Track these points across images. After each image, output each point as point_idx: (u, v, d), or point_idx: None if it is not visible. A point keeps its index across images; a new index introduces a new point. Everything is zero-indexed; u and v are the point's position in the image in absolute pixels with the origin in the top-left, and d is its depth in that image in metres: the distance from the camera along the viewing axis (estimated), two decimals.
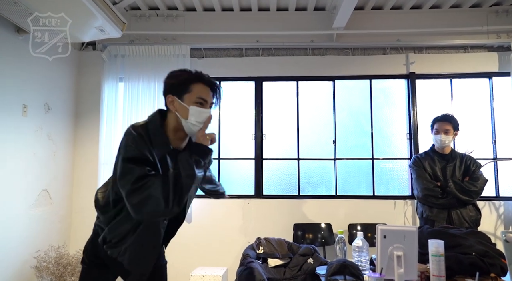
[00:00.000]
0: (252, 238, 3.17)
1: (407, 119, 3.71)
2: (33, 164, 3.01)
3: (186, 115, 1.39)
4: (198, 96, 1.39)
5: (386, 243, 1.59)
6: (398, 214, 3.56)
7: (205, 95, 1.41)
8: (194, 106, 1.38)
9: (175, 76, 1.43)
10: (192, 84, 1.40)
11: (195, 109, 1.38)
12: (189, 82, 1.40)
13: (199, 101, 1.40)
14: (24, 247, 2.88)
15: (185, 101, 1.39)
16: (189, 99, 1.39)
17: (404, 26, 3.68)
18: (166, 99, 1.43)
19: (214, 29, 3.74)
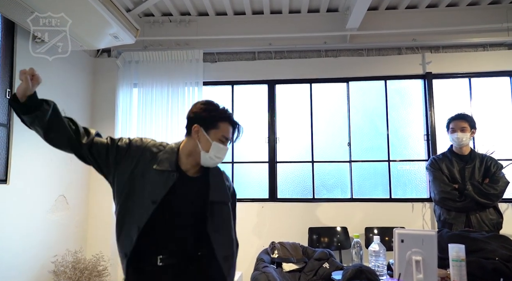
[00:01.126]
0: (267, 242, 3.14)
1: (424, 120, 3.63)
2: (50, 170, 3.06)
3: (208, 149, 1.46)
4: (224, 135, 1.48)
5: (404, 247, 1.54)
6: (416, 217, 3.47)
7: (228, 134, 1.50)
8: (217, 142, 1.46)
9: (206, 109, 1.48)
10: (220, 122, 1.48)
11: (218, 145, 1.46)
12: (218, 119, 1.48)
13: (222, 139, 1.48)
14: (42, 252, 2.92)
15: (210, 136, 1.46)
16: (214, 135, 1.47)
17: (419, 25, 3.61)
18: (192, 127, 1.48)
19: (227, 33, 3.75)
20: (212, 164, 1.50)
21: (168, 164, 1.44)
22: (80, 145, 1.42)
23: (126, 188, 1.43)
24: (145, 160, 1.45)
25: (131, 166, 1.44)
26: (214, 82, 3.83)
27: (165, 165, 1.44)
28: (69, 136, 1.40)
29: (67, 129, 1.39)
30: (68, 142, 1.41)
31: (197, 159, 1.48)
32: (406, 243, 1.55)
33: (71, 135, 1.40)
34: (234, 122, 1.52)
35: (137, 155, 1.46)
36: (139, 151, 1.47)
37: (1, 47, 2.66)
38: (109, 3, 2.57)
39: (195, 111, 1.49)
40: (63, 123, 1.39)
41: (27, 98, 1.32)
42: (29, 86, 1.30)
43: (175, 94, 3.65)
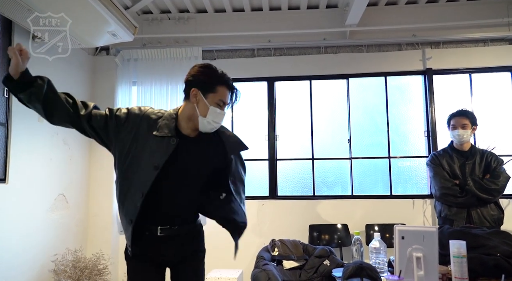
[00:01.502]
0: (267, 239, 3.13)
1: (425, 116, 3.61)
2: (49, 169, 3.05)
3: (205, 113, 1.45)
4: (221, 98, 1.46)
5: (405, 244, 1.53)
6: (417, 213, 3.46)
7: (226, 98, 1.48)
8: (214, 106, 1.45)
9: (204, 73, 1.47)
10: (218, 86, 1.46)
11: (215, 110, 1.45)
12: (216, 83, 1.46)
13: (220, 103, 1.46)
14: (42, 251, 2.92)
15: (208, 99, 1.45)
16: (212, 99, 1.45)
17: (419, 20, 3.58)
18: (191, 91, 1.46)
19: (226, 30, 3.73)
20: (210, 129, 1.49)
21: (168, 130, 1.45)
22: (79, 118, 1.42)
23: (128, 156, 1.44)
24: (145, 127, 1.46)
25: (131, 134, 1.45)
26: None
27: (165, 131, 1.45)
28: (67, 110, 1.40)
29: (64, 104, 1.39)
30: (67, 117, 1.41)
31: (196, 124, 1.48)
32: (407, 240, 1.53)
33: (69, 109, 1.40)
34: (231, 86, 1.50)
35: (136, 123, 1.46)
36: (138, 119, 1.47)
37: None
38: (107, 0, 2.56)
39: (193, 74, 1.48)
40: (60, 98, 1.39)
41: (20, 75, 1.31)
42: (19, 60, 1.29)
43: (174, 92, 3.64)
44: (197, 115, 1.45)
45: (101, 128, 1.45)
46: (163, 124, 1.46)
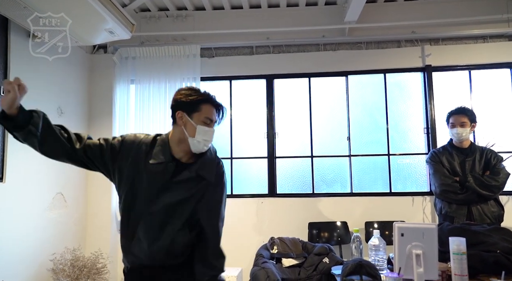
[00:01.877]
0: (266, 237, 3.12)
1: (424, 113, 3.60)
2: (47, 167, 3.04)
3: (193, 133, 1.46)
4: (206, 116, 1.48)
5: (404, 241, 1.52)
6: (417, 211, 3.45)
7: (212, 115, 1.50)
8: (201, 125, 1.46)
9: (187, 94, 1.49)
10: (202, 104, 1.48)
11: (202, 128, 1.46)
12: (199, 102, 1.48)
13: (206, 121, 1.48)
14: (40, 250, 2.91)
15: (194, 119, 1.47)
16: (197, 118, 1.47)
17: (419, 17, 3.56)
18: (176, 114, 1.49)
19: (224, 27, 3.71)
20: (202, 148, 1.49)
21: (163, 156, 1.46)
22: (75, 152, 1.41)
23: (127, 186, 1.45)
24: (141, 155, 1.46)
25: (127, 163, 1.45)
26: (211, 77, 3.79)
27: (160, 157, 1.46)
28: (63, 145, 1.39)
29: (60, 139, 1.38)
30: (63, 151, 1.40)
31: (188, 146, 1.48)
32: (406, 237, 1.53)
33: (64, 144, 1.39)
34: (216, 103, 1.52)
35: (132, 152, 1.46)
36: (133, 147, 1.48)
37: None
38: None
39: (176, 98, 1.50)
40: (55, 133, 1.38)
41: (18, 112, 1.26)
42: (17, 95, 1.24)
43: (172, 90, 3.62)
44: (186, 137, 1.46)
45: (97, 159, 1.45)
46: (157, 150, 1.47)
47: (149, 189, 1.43)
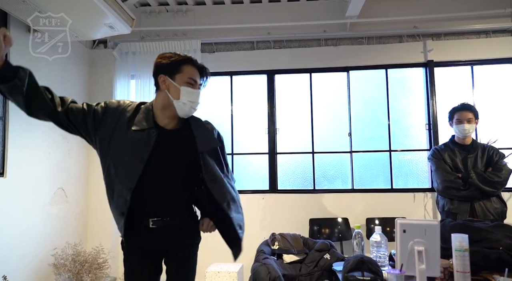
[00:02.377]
0: (268, 233, 3.12)
1: (426, 109, 3.58)
2: (48, 163, 3.04)
3: (178, 95, 1.44)
4: (189, 76, 1.46)
5: (406, 237, 1.51)
6: (418, 207, 3.45)
7: (195, 76, 1.48)
8: (185, 86, 1.44)
9: (167, 57, 1.47)
10: (184, 65, 1.46)
11: (186, 89, 1.44)
12: (180, 63, 1.46)
13: (190, 82, 1.46)
14: (42, 245, 2.91)
15: (177, 81, 1.45)
16: (180, 79, 1.45)
17: (421, 12, 3.53)
18: (158, 78, 1.47)
19: (225, 22, 3.68)
20: (188, 110, 1.47)
21: (146, 123, 1.45)
22: (57, 113, 1.40)
23: (109, 151, 1.44)
24: (124, 122, 1.45)
25: (110, 129, 1.44)
26: (212, 72, 3.70)
27: (143, 124, 1.45)
28: (47, 104, 1.38)
29: (45, 98, 1.37)
30: (46, 110, 1.39)
31: (173, 111, 1.47)
32: (408, 233, 1.51)
33: (48, 103, 1.38)
34: (197, 64, 1.50)
35: (115, 118, 1.45)
36: (116, 114, 1.46)
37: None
38: None
39: (157, 63, 1.49)
40: (41, 92, 1.37)
41: (3, 64, 1.24)
42: (2, 46, 1.21)
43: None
44: (171, 101, 1.45)
45: (79, 123, 1.43)
46: (140, 118, 1.46)
47: (136, 153, 1.41)
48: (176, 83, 1.44)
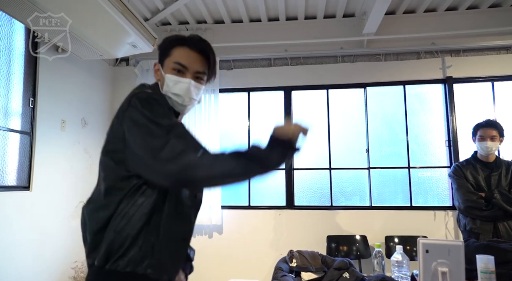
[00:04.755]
0: (284, 250, 3.09)
1: (446, 125, 3.53)
2: (70, 176, 3.12)
3: (162, 86, 1.13)
4: (176, 60, 1.11)
5: (429, 258, 1.48)
6: (439, 226, 3.37)
7: (184, 59, 1.11)
8: (169, 73, 1.11)
9: (162, 40, 1.18)
10: (174, 48, 1.12)
11: (170, 77, 1.10)
12: (171, 45, 1.13)
13: (176, 68, 1.11)
14: (63, 258, 2.96)
15: (164, 68, 1.13)
16: (167, 66, 1.12)
17: (439, 28, 3.53)
18: (154, 67, 1.18)
19: (242, 40, 3.76)
20: (177, 106, 1.14)
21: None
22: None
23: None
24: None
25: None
26: (230, 89, 3.84)
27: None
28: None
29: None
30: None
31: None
32: (431, 254, 1.49)
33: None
34: (194, 44, 1.12)
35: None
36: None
37: (25, 58, 2.74)
38: (127, 12, 2.62)
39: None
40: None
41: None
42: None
43: None
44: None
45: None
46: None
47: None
48: (164, 70, 1.13)
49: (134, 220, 0.99)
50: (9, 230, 2.47)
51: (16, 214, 2.54)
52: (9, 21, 2.59)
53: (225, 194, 3.66)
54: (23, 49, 2.73)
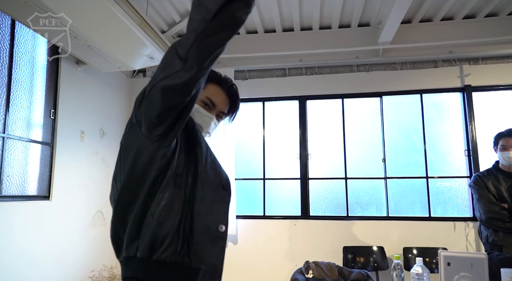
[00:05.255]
0: (300, 260, 3.07)
1: (464, 134, 3.46)
2: (89, 186, 3.17)
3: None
4: (208, 95, 1.18)
5: (451, 271, 1.45)
6: (459, 237, 3.28)
7: (215, 97, 1.19)
8: (199, 104, 1.17)
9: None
10: (210, 82, 1.19)
11: (198, 108, 1.16)
12: (209, 80, 1.19)
13: (206, 101, 1.18)
14: (80, 267, 3.00)
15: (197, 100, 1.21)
16: (200, 97, 1.17)
17: (456, 37, 3.49)
18: None
19: (257, 50, 3.79)
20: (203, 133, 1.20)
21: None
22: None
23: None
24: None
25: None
26: (245, 99, 3.86)
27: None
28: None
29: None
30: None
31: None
32: (453, 267, 1.45)
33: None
34: (227, 87, 1.21)
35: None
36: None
37: (47, 71, 2.82)
38: (145, 25, 2.69)
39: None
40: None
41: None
42: None
43: None
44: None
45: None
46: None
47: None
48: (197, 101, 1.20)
49: (174, 210, 1.01)
50: (30, 238, 2.53)
51: (36, 223, 2.59)
52: (33, 36, 2.69)
53: (240, 204, 3.66)
54: (45, 62, 2.82)
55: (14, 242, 2.39)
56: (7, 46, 2.46)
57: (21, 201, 2.50)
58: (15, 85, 2.52)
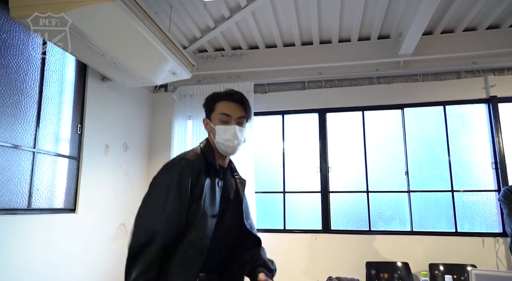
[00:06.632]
0: (321, 276, 3.01)
1: (491, 147, 3.37)
2: (113, 199, 3.23)
3: (214, 135, 1.39)
4: (221, 112, 1.37)
5: None
6: (489, 254, 3.15)
7: (227, 109, 1.38)
8: (219, 124, 1.37)
9: (205, 99, 1.45)
10: (216, 103, 1.40)
11: (219, 127, 1.37)
12: (213, 101, 1.40)
13: (223, 119, 1.37)
14: (103, 279, 3.04)
15: (212, 121, 1.40)
16: (214, 118, 1.39)
17: (480, 47, 3.43)
18: (203, 122, 1.45)
19: (276, 64, 3.82)
20: (229, 149, 1.38)
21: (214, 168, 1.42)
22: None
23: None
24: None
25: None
26: (264, 112, 3.88)
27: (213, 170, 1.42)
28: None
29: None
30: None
31: (220, 153, 1.41)
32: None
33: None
34: (231, 96, 1.39)
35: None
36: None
37: (75, 87, 2.93)
38: (168, 42, 2.76)
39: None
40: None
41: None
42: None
43: None
44: (214, 143, 1.40)
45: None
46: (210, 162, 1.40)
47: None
48: (212, 123, 1.39)
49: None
50: (57, 250, 2.59)
51: (63, 235, 2.65)
52: (62, 55, 2.80)
53: (260, 218, 3.65)
54: (74, 79, 2.93)
55: (43, 253, 2.45)
56: (38, 65, 2.57)
57: (49, 214, 2.57)
58: (45, 101, 2.62)
